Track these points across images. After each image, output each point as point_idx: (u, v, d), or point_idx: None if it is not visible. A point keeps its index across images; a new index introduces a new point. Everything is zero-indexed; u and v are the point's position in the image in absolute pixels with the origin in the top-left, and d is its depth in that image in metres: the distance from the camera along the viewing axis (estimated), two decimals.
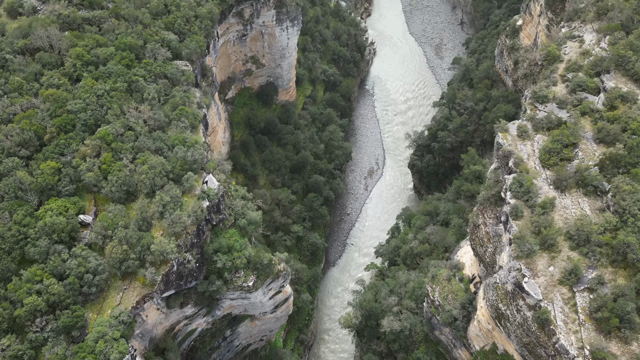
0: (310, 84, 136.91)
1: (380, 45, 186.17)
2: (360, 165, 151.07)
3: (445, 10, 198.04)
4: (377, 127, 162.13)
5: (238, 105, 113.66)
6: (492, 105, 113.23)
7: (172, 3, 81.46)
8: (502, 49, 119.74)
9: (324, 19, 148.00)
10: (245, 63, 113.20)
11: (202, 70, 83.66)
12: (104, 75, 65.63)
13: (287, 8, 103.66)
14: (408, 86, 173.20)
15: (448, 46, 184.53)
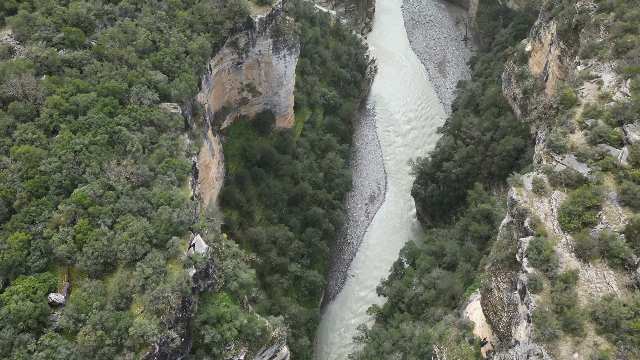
0: (309, 109, 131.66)
1: (381, 62, 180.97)
2: (361, 190, 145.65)
3: (449, 26, 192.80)
4: (378, 149, 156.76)
5: (233, 136, 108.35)
6: (499, 135, 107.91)
7: (161, 39, 76.06)
8: (509, 75, 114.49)
9: (323, 39, 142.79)
10: (240, 91, 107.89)
11: (192, 109, 78.33)
12: (83, 127, 60.26)
13: (285, 37, 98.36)
14: (410, 105, 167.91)
15: (451, 63, 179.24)
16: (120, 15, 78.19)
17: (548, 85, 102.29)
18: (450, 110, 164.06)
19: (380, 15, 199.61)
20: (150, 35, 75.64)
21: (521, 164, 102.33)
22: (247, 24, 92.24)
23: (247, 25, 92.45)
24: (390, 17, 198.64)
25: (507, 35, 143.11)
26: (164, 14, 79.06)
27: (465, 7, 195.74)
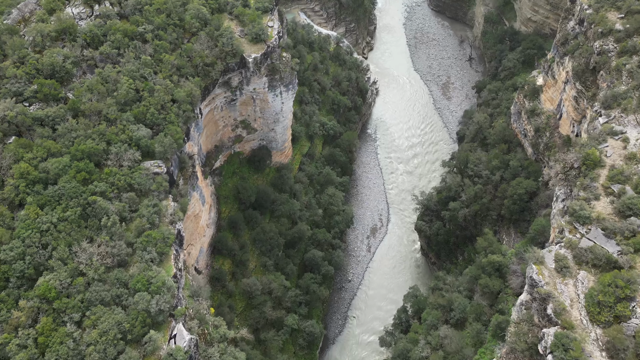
0: (308, 140, 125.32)
1: (383, 84, 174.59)
2: (363, 222, 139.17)
3: (453, 45, 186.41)
4: (380, 177, 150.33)
5: (227, 175, 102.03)
6: (509, 175, 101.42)
7: (145, 87, 69.78)
8: (519, 109, 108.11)
9: (322, 65, 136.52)
10: (234, 128, 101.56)
11: (179, 163, 72.03)
12: (53, 200, 53.99)
13: (281, 74, 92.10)
14: (413, 130, 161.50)
15: (456, 85, 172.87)
16: (101, 61, 71.95)
17: (562, 124, 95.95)
18: (455, 135, 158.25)
19: (382, 33, 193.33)
20: (134, 84, 69.36)
21: (533, 208, 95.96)
22: (240, 64, 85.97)
23: (241, 64, 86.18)
24: (392, 35, 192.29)
25: (514, 60, 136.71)
26: (148, 59, 72.71)
27: (469, 25, 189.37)
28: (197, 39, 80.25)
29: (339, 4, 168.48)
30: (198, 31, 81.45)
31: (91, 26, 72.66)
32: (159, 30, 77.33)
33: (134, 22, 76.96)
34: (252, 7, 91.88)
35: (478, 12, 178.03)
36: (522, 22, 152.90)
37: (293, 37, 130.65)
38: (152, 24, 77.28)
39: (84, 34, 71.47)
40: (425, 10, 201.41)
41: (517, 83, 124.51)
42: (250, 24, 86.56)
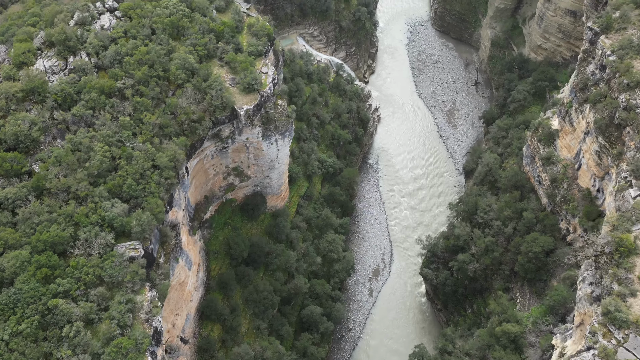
0: (306, 180, 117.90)
1: (385, 110, 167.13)
2: (364, 263, 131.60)
3: (458, 68, 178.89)
4: (382, 212, 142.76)
5: (217, 227, 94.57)
6: (523, 227, 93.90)
7: (122, 154, 62.48)
8: (533, 153, 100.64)
9: (321, 97, 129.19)
10: (226, 177, 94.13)
11: (161, 236, 64.68)
12: (7, 308, 46.59)
13: (276, 124, 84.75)
14: (417, 160, 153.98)
15: (461, 112, 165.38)
16: (74, 123, 64.64)
17: (581, 176, 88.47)
18: (461, 167, 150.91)
19: (384, 55, 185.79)
20: (109, 151, 62.05)
21: (550, 267, 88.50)
22: (231, 116, 78.61)
23: (232, 116, 78.81)
24: (394, 57, 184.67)
25: (525, 92, 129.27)
26: (127, 120, 65.35)
27: (475, 47, 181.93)
28: (182, 93, 72.84)
29: (339, 28, 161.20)
30: (184, 83, 74.10)
31: (63, 84, 65.39)
32: (140, 84, 69.99)
33: (113, 75, 69.71)
34: (245, 50, 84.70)
35: (484, 35, 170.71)
36: (531, 49, 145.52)
37: (290, 69, 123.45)
38: (133, 78, 69.98)
39: (55, 93, 64.18)
40: (429, 30, 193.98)
41: (528, 119, 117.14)
42: (242, 72, 79.18)
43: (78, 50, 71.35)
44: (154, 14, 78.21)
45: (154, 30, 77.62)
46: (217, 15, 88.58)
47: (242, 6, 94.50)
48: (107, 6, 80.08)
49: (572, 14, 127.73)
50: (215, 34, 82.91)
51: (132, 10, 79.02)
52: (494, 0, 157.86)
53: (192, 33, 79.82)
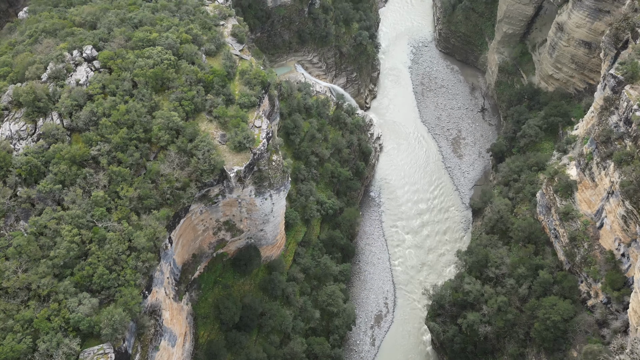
0: (304, 224, 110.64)
1: (387, 136, 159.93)
2: (366, 308, 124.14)
3: (463, 93, 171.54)
4: (385, 250, 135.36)
5: (206, 287, 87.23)
6: (539, 287, 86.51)
7: (94, 237, 55.27)
8: (549, 204, 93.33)
9: (320, 133, 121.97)
10: (217, 232, 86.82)
11: (138, 327, 57.41)
12: None
13: (270, 180, 77.54)
14: (421, 193, 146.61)
15: (467, 141, 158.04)
16: (40, 200, 57.49)
17: (603, 236, 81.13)
18: (468, 200, 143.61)
19: (386, 79, 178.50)
20: (78, 235, 54.87)
21: (570, 335, 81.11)
22: (220, 177, 71.44)
23: (221, 178, 71.64)
24: (397, 81, 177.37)
25: (536, 127, 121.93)
26: (101, 195, 58.21)
27: (481, 70, 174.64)
28: (165, 157, 65.62)
29: (340, 54, 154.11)
30: (168, 145, 66.91)
31: (30, 155, 58.23)
32: (118, 150, 62.83)
33: (87, 140, 62.58)
34: (237, 101, 77.51)
35: (491, 59, 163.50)
36: (542, 78, 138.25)
37: (288, 104, 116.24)
38: (109, 143, 62.83)
39: (19, 167, 57.04)
40: (433, 51, 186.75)
41: (541, 160, 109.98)
42: (233, 130, 71.97)
43: (49, 111, 64.21)
44: (136, 65, 71.06)
45: (136, 84, 70.52)
46: (207, 61, 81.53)
47: (234, 48, 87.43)
48: (85, 55, 73.03)
49: (586, 45, 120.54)
50: (204, 85, 75.83)
51: (112, 60, 71.95)
52: (502, 25, 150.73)
53: (178, 85, 72.68)
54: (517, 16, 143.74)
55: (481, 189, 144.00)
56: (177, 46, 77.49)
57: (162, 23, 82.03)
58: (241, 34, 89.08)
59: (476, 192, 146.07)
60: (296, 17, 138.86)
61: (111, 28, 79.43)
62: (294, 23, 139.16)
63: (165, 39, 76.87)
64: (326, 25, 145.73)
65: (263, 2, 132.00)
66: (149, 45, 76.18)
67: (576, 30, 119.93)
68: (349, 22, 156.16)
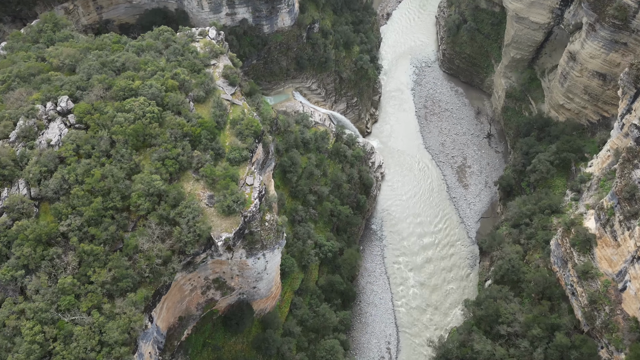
0: (301, 271, 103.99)
1: (389, 163, 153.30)
2: (367, 354, 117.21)
3: (468, 117, 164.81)
4: (387, 289, 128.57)
5: (194, 351, 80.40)
6: (555, 351, 79.82)
7: (59, 333, 48.59)
8: (565, 257, 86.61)
9: (319, 169, 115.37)
10: (205, 291, 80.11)
11: None
12: None
13: (263, 242, 70.94)
14: (425, 226, 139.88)
15: (473, 169, 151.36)
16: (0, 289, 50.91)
17: (626, 300, 74.47)
18: (474, 234, 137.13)
19: (388, 101, 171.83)
20: (41, 332, 48.26)
21: None
22: (206, 245, 64.87)
23: (207, 246, 65.08)
24: (399, 104, 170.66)
25: (547, 163, 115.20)
26: (69, 281, 51.58)
27: (487, 92, 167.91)
28: (144, 230, 59.02)
29: (339, 79, 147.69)
30: (148, 213, 60.35)
31: None
32: (90, 225, 56.26)
33: (56, 214, 56.04)
34: (227, 155, 70.99)
35: (498, 83, 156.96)
36: (552, 106, 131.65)
37: (285, 140, 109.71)
38: (81, 216, 56.27)
39: None
40: (437, 72, 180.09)
41: (554, 203, 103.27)
42: (221, 191, 65.42)
43: (15, 179, 57.70)
44: (115, 121, 64.50)
45: (115, 142, 64.00)
46: (195, 109, 74.98)
47: (225, 92, 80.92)
48: (60, 108, 66.51)
49: (601, 76, 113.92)
50: (191, 139, 69.29)
51: (89, 115, 65.45)
52: (509, 50, 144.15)
53: (161, 142, 66.10)
54: (526, 41, 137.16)
55: (488, 222, 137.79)
56: (162, 95, 70.94)
57: (146, 67, 75.54)
58: (233, 76, 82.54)
59: (483, 225, 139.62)
60: (294, 43, 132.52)
61: (91, 74, 72.98)
62: (291, 49, 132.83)
63: (148, 87, 70.31)
64: (325, 50, 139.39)
65: (259, 29, 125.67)
66: (131, 95, 69.70)
67: (590, 60, 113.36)
68: (350, 45, 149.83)
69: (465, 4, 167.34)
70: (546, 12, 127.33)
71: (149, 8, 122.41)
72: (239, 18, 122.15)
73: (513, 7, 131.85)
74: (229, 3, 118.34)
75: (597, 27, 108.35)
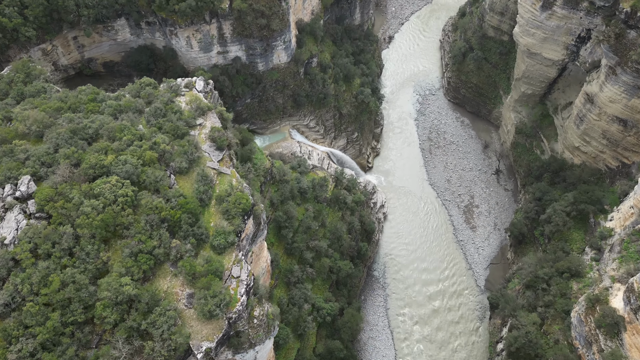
0: (297, 339, 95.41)
1: (392, 202, 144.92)
2: None
3: (475, 151, 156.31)
4: (390, 345, 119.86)
5: None
6: None
7: None
8: (589, 338, 78.07)
9: (316, 221, 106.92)
10: None
11: None
12: None
13: (251, 341, 62.42)
14: (431, 273, 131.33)
15: (481, 209, 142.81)
16: None
17: None
18: (483, 282, 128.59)
19: (390, 132, 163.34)
20: None
21: None
22: (185, 355, 56.33)
23: (185, 355, 56.52)
24: (402, 135, 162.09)
25: (563, 214, 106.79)
26: None
27: (494, 124, 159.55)
28: (109, 350, 50.53)
29: (339, 114, 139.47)
30: (115, 326, 51.91)
31: None
32: (45, 350, 47.76)
33: (5, 336, 47.54)
34: (211, 241, 62.65)
35: (507, 116, 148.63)
36: (566, 147, 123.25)
37: (280, 192, 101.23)
38: (35, 338, 47.76)
39: None
40: (441, 100, 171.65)
41: (573, 265, 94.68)
42: (202, 290, 56.97)
43: None
44: (81, 211, 56.13)
45: (79, 237, 55.67)
46: (176, 184, 66.64)
47: (212, 158, 72.58)
48: (20, 193, 58.23)
49: (621, 122, 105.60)
50: (170, 224, 60.91)
51: (52, 202, 57.12)
52: (520, 84, 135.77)
53: (134, 232, 57.72)
54: (538, 77, 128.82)
55: (498, 269, 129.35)
56: (137, 172, 62.63)
57: (122, 136, 67.27)
58: (221, 140, 74.17)
59: (492, 272, 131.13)
60: (291, 80, 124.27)
61: (59, 144, 64.74)
62: (288, 87, 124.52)
63: (122, 164, 62.00)
64: (324, 85, 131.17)
65: (253, 67, 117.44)
66: (103, 174, 61.40)
67: (609, 105, 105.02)
68: (350, 78, 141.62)
69: (472, 31, 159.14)
70: (560, 48, 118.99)
71: (134, 46, 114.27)
72: (231, 56, 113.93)
73: (525, 42, 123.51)
74: (221, 42, 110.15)
75: (619, 71, 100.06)
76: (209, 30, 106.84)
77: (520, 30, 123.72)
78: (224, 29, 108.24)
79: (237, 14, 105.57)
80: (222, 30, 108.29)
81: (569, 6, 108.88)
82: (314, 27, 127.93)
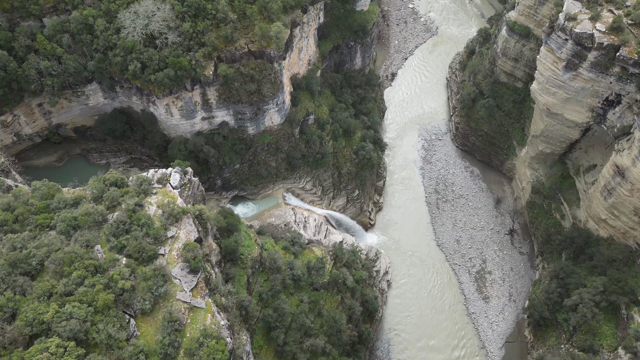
0: None
1: (396, 266, 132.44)
2: None
3: (487, 206, 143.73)
4: None
5: None
6: None
7: None
8: None
9: (311, 313, 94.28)
10: None
11: None
12: None
13: None
14: (440, 353, 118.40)
15: (495, 276, 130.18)
16: None
17: None
18: None
19: (394, 183, 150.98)
20: None
21: None
22: None
23: None
24: (406, 187, 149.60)
25: (591, 304, 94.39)
26: None
27: (507, 175, 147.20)
28: None
29: (338, 173, 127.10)
30: None
31: None
32: None
33: None
34: None
35: (521, 172, 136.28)
36: (590, 216, 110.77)
37: (271, 286, 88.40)
38: None
39: None
40: (449, 147, 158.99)
41: None
42: None
43: None
44: None
45: None
46: (136, 333, 54.10)
47: (184, 287, 60.08)
48: None
49: None
50: None
51: None
52: (537, 141, 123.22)
53: None
54: (558, 137, 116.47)
55: (514, 348, 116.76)
56: (85, 328, 50.27)
57: (72, 270, 54.96)
58: (195, 261, 61.80)
59: (508, 353, 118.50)
60: (285, 143, 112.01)
61: None
62: (282, 149, 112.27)
63: (67, 319, 49.64)
64: (322, 144, 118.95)
65: (242, 131, 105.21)
66: (42, 332, 49.12)
67: None
68: (350, 133, 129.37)
69: (482, 75, 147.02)
70: (585, 110, 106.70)
71: (109, 110, 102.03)
72: (217, 121, 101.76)
73: (544, 101, 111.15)
74: (205, 107, 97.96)
75: None
76: (191, 97, 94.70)
77: (540, 88, 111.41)
78: (208, 95, 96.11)
79: (222, 80, 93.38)
80: (207, 96, 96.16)
81: (596, 70, 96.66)
82: (311, 82, 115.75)
